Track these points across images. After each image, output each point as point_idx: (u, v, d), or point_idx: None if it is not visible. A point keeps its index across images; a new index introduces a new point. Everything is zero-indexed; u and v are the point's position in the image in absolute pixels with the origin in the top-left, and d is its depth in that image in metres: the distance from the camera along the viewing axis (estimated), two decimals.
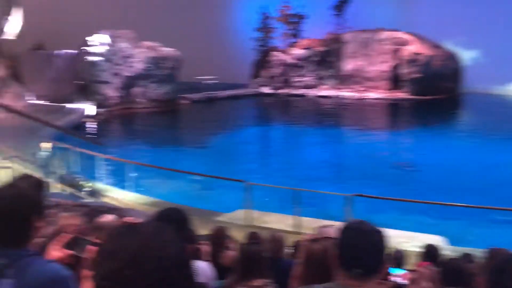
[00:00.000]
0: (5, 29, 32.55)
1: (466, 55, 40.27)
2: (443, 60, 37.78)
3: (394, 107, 35.95)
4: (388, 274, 5.45)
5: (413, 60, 36.71)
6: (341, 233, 2.44)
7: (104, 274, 1.43)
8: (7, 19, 32.37)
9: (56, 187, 14.39)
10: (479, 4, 38.67)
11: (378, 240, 2.35)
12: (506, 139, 24.04)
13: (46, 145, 15.95)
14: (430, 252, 6.84)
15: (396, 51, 37.94)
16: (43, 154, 15.83)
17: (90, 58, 31.93)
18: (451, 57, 38.80)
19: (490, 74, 37.61)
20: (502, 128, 27.23)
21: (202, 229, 10.27)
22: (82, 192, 14.39)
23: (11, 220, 2.36)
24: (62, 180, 15.02)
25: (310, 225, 12.26)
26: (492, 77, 37.81)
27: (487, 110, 33.84)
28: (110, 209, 9.07)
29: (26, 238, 2.41)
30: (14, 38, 33.02)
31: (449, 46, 39.17)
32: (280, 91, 39.66)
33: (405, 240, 11.22)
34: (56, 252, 2.65)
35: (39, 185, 2.47)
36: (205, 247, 5.21)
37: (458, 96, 38.45)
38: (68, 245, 2.68)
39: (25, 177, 2.48)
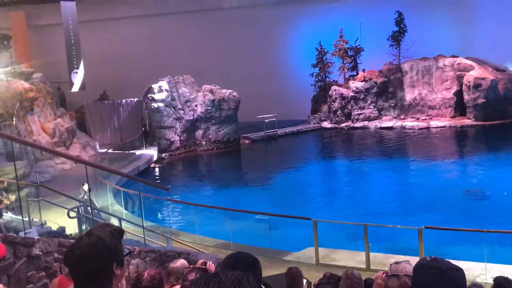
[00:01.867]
0: (73, 81, 34.02)
1: None
2: (509, 83, 36.62)
3: (460, 134, 34.96)
4: None
5: (477, 85, 35.75)
6: (417, 272, 2.37)
7: None
8: (75, 72, 33.84)
9: None
10: None
11: (457, 278, 2.27)
12: None
13: (85, 187, 16.24)
14: (502, 285, 6.44)
15: (459, 77, 37.15)
16: (83, 195, 16.23)
17: (153, 105, 32.87)
18: None
19: None
20: None
21: (271, 270, 10.23)
22: None
23: (93, 268, 2.38)
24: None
25: (381, 261, 12.01)
26: None
27: None
28: (179, 253, 9.15)
29: (108, 286, 2.45)
30: (80, 90, 34.43)
31: None
32: (341, 125, 39.42)
33: (481, 272, 10.79)
34: None
35: (118, 233, 2.52)
36: None
37: None
38: None
39: (104, 226, 2.54)
